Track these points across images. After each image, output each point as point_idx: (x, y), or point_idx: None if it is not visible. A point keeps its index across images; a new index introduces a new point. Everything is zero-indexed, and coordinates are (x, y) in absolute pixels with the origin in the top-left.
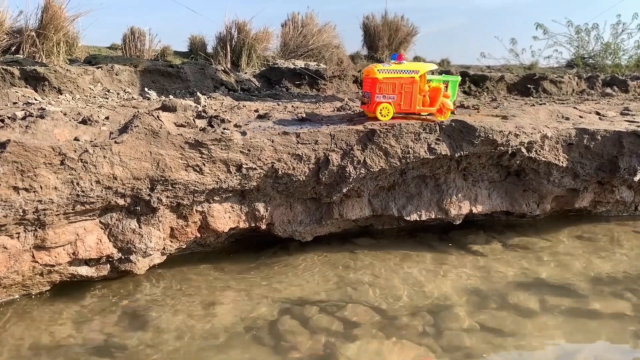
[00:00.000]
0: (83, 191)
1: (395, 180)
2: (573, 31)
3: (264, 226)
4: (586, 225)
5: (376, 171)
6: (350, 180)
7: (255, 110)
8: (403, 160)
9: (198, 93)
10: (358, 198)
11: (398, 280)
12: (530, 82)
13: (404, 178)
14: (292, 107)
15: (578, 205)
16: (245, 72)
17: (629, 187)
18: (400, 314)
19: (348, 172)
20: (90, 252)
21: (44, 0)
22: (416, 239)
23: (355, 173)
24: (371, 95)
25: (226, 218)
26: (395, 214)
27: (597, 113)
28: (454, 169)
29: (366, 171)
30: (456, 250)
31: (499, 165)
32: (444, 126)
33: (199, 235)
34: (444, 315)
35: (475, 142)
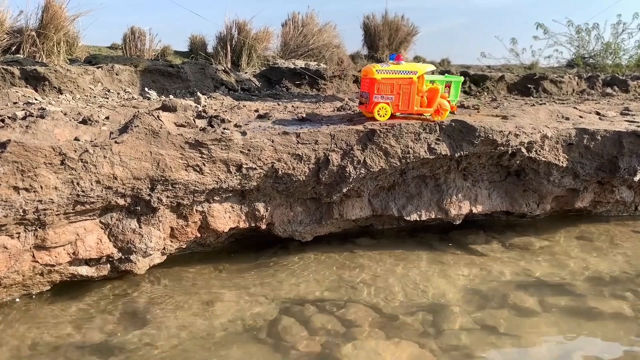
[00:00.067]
0: (83, 191)
1: (395, 180)
2: (573, 31)
3: (264, 226)
4: (586, 225)
5: (376, 171)
6: (350, 180)
7: (256, 110)
8: (403, 160)
9: (198, 93)
10: (358, 198)
11: (398, 280)
12: (531, 82)
13: (404, 178)
14: (292, 107)
15: (578, 205)
16: (246, 72)
17: (629, 187)
18: (400, 313)
19: (348, 172)
20: (91, 252)
21: (44, 0)
22: (416, 239)
23: (355, 173)
24: (369, 96)
25: (226, 218)
26: (395, 214)
27: (597, 113)
28: (454, 169)
29: (366, 171)
30: (456, 250)
31: (499, 165)
32: (444, 126)
33: (199, 235)
34: (443, 314)
35: (475, 142)
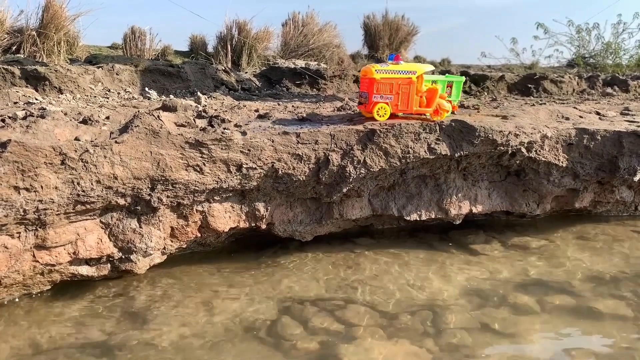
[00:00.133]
0: (83, 191)
1: (395, 180)
2: (574, 31)
3: (264, 226)
4: (586, 225)
5: (376, 171)
6: (350, 180)
7: (256, 110)
8: (403, 160)
9: (198, 93)
10: (358, 198)
11: (397, 280)
12: (531, 82)
13: (404, 178)
14: (293, 107)
15: (578, 205)
16: (246, 72)
17: (629, 187)
18: (400, 313)
19: (348, 172)
20: (91, 252)
21: (44, 0)
22: (416, 238)
23: (355, 173)
24: (368, 96)
25: (226, 218)
26: (395, 213)
27: (597, 113)
28: (454, 168)
29: (366, 171)
30: (456, 250)
31: (498, 165)
32: (443, 126)
33: (199, 234)
34: (443, 314)
35: (475, 142)
